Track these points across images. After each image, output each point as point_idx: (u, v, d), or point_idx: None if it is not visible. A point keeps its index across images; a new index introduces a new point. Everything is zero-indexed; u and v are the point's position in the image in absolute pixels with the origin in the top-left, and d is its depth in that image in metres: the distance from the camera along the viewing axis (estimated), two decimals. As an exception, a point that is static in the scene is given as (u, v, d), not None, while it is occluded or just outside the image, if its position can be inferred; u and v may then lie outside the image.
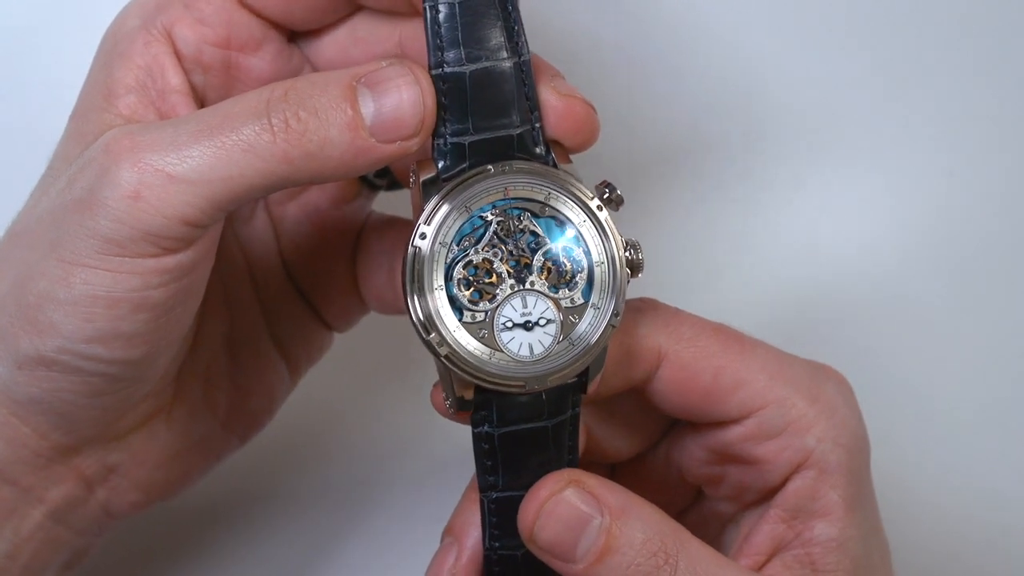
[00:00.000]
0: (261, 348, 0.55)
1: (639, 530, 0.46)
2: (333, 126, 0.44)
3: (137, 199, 0.43)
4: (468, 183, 0.46)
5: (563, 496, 0.47)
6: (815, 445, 0.49)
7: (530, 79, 0.46)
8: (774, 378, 0.49)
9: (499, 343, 0.46)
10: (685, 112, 0.66)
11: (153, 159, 0.43)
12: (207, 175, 0.43)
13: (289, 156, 0.44)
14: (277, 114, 0.44)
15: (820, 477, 0.49)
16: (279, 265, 0.55)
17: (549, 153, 0.46)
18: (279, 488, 0.65)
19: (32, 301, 0.45)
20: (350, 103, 0.44)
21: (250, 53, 0.49)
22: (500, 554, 0.49)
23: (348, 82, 0.45)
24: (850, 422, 0.50)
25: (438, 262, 0.46)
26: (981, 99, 0.67)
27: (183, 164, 0.43)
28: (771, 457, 0.49)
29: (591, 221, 0.47)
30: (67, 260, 0.44)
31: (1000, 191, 0.68)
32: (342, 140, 0.44)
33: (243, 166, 0.44)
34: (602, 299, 0.47)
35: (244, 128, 0.44)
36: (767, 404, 0.49)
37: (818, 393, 0.50)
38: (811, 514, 0.49)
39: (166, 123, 0.45)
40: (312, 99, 0.44)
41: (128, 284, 0.44)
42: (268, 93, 0.45)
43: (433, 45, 0.45)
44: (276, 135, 0.44)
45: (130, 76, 0.47)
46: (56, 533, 0.49)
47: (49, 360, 0.45)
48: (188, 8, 0.48)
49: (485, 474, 0.48)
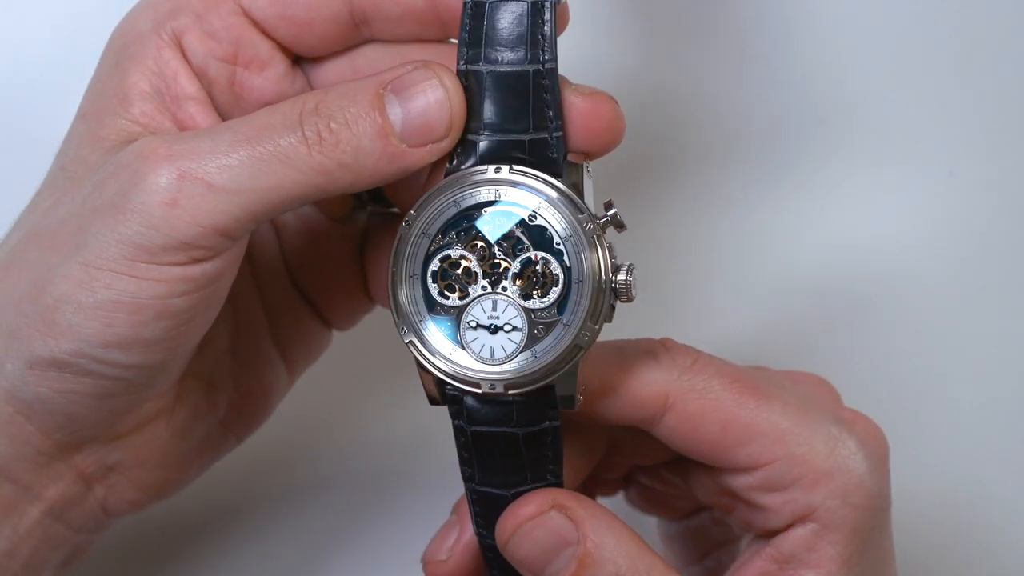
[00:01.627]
0: (262, 349, 0.55)
1: (612, 563, 0.47)
2: (364, 135, 0.45)
3: (174, 206, 0.44)
4: (463, 180, 0.46)
5: (544, 519, 0.47)
6: (821, 502, 0.48)
7: (554, 86, 0.46)
8: (788, 433, 0.49)
9: (462, 340, 0.47)
10: (688, 110, 0.66)
11: (192, 167, 0.44)
12: (246, 185, 0.44)
13: (325, 167, 0.44)
14: (310, 126, 0.45)
15: (821, 532, 0.49)
16: (282, 267, 0.56)
17: (563, 163, 0.46)
18: (275, 484, 0.66)
19: (50, 303, 0.45)
20: (378, 110, 0.45)
21: (255, 72, 0.49)
22: (488, 543, 0.50)
23: (375, 90, 0.45)
24: (866, 482, 0.49)
25: (417, 251, 0.46)
26: (983, 100, 0.67)
27: (223, 174, 0.44)
28: (775, 507, 0.49)
29: (580, 238, 0.46)
30: (92, 264, 0.44)
31: (1001, 191, 0.68)
32: (374, 148, 0.45)
33: (280, 177, 0.44)
34: (574, 318, 0.46)
35: (280, 140, 0.44)
36: (776, 459, 0.49)
37: (835, 448, 0.49)
38: (804, 563, 0.49)
39: (199, 132, 0.46)
40: (342, 110, 0.45)
41: (153, 291, 0.44)
42: (301, 105, 0.45)
43: (461, 40, 0.46)
44: (311, 147, 0.44)
45: (144, 81, 0.47)
46: (54, 530, 0.49)
47: (63, 362, 0.45)
48: (200, 19, 0.48)
49: (463, 464, 0.49)
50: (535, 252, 0.46)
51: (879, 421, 0.52)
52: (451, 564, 0.51)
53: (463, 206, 0.46)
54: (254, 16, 0.48)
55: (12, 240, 0.48)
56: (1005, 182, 0.68)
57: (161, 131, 0.47)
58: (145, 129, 0.47)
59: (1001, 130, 0.67)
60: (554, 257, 0.46)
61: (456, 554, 0.51)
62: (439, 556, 0.51)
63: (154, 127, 0.47)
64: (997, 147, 0.67)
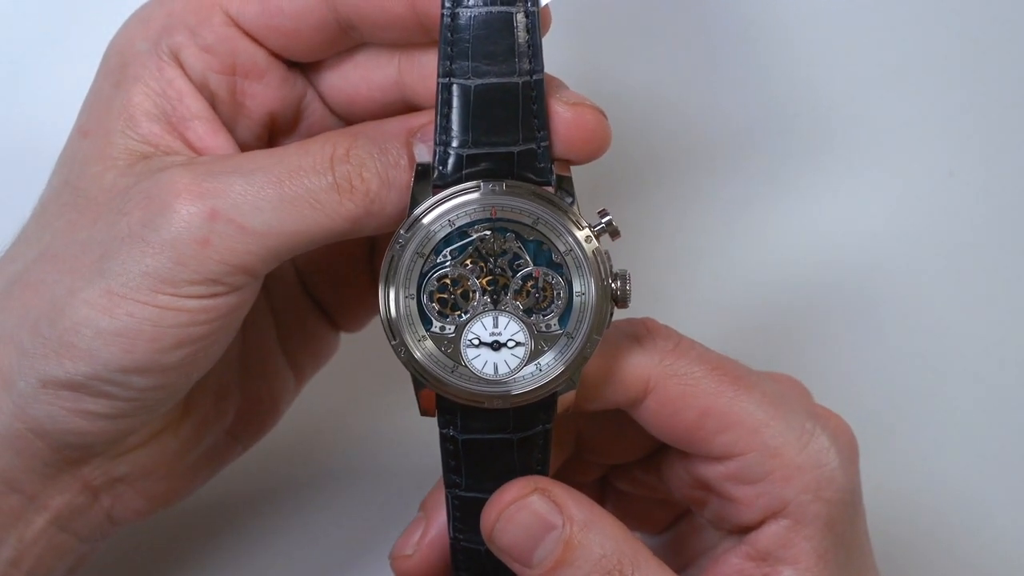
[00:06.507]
0: (271, 357, 0.56)
1: (598, 545, 0.47)
2: (395, 188, 0.46)
3: (206, 245, 0.44)
4: (456, 197, 0.46)
5: (526, 502, 0.47)
6: (793, 496, 0.49)
7: (541, 97, 0.46)
8: (763, 425, 0.49)
9: (463, 358, 0.46)
10: (684, 109, 0.66)
11: (225, 207, 0.44)
12: (276, 228, 0.45)
13: (354, 215, 0.45)
14: (342, 173, 0.45)
15: (794, 527, 0.49)
16: (292, 271, 0.56)
17: (552, 173, 0.46)
18: (278, 487, 0.66)
19: (69, 326, 0.45)
20: (407, 160, 0.46)
21: (255, 80, 0.49)
22: (464, 546, 0.50)
23: (406, 138, 0.46)
24: (838, 477, 0.49)
25: (412, 271, 0.46)
26: (983, 99, 0.67)
27: (255, 217, 0.44)
28: (748, 501, 0.49)
29: (578, 250, 0.46)
30: (115, 292, 0.45)
31: (994, 187, 0.67)
32: (403, 199, 0.46)
33: (310, 222, 0.45)
34: (578, 329, 0.46)
35: (311, 182, 0.45)
36: (750, 450, 0.49)
37: (808, 443, 0.49)
38: (780, 560, 0.49)
39: (227, 166, 0.46)
40: (373, 159, 0.46)
41: (175, 320, 0.45)
42: (332, 149, 0.46)
43: (443, 53, 0.45)
44: (342, 195, 0.45)
45: (148, 102, 0.48)
46: (60, 540, 0.50)
47: (77, 384, 0.46)
48: (194, 35, 0.48)
49: (449, 472, 0.49)
50: (534, 267, 0.46)
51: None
52: (416, 559, 0.51)
53: (458, 224, 0.46)
54: (244, 27, 0.48)
55: (27, 257, 0.48)
56: (998, 178, 0.67)
57: (173, 151, 0.48)
58: (156, 149, 0.47)
59: (996, 127, 0.67)
60: (553, 270, 0.46)
61: (422, 549, 0.51)
62: (405, 551, 0.52)
63: (164, 147, 0.47)
64: (991, 144, 0.67)
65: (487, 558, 0.50)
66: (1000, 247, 0.67)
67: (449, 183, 0.46)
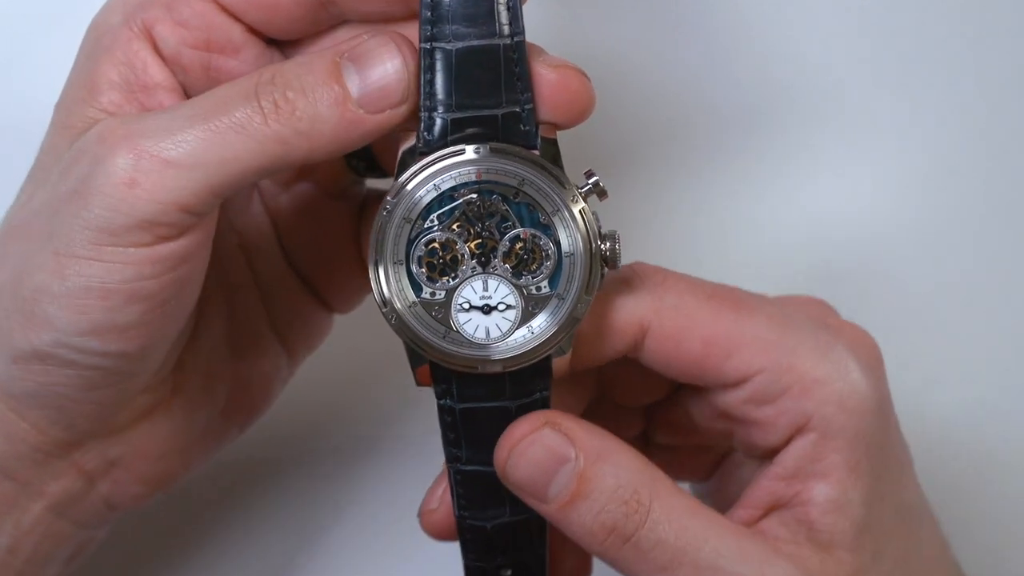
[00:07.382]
0: (260, 337, 0.55)
1: (612, 476, 0.46)
2: (321, 103, 0.45)
3: (132, 186, 0.44)
4: (440, 161, 0.46)
5: (538, 436, 0.47)
6: (815, 409, 0.48)
7: (523, 59, 0.46)
8: (771, 343, 0.48)
9: (454, 323, 0.46)
10: (680, 87, 0.65)
11: (148, 145, 0.44)
12: (202, 158, 0.44)
13: (281, 136, 0.44)
14: (266, 96, 0.45)
15: (821, 440, 0.48)
16: (278, 252, 0.56)
17: (536, 135, 0.46)
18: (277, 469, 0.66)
19: (28, 295, 0.45)
20: (335, 79, 0.45)
21: (229, 56, 0.49)
22: (470, 524, 0.50)
23: (332, 59, 0.45)
24: (861, 385, 0.48)
25: (400, 237, 0.46)
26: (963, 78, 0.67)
27: (178, 148, 0.44)
28: (770, 420, 0.49)
29: (565, 210, 0.46)
30: (61, 252, 0.44)
31: (994, 177, 0.67)
32: (332, 115, 0.45)
33: (237, 148, 0.44)
34: (568, 290, 0.46)
35: (236, 111, 0.44)
36: (762, 369, 0.48)
37: (825, 354, 0.48)
38: (811, 475, 0.48)
39: (159, 111, 0.46)
40: (299, 79, 0.45)
41: (121, 274, 0.44)
42: (257, 77, 0.45)
43: (424, 18, 0.46)
44: (267, 116, 0.44)
45: (113, 71, 0.47)
46: (57, 527, 0.50)
47: (44, 354, 0.45)
48: (169, 9, 0.48)
49: (449, 446, 0.48)
50: (522, 228, 0.46)
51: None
52: (441, 511, 0.51)
53: (443, 189, 0.46)
54: (222, 2, 0.48)
55: None
56: (996, 159, 0.67)
57: None
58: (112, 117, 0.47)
59: (981, 108, 0.67)
60: (541, 232, 0.46)
61: (445, 503, 0.51)
62: (431, 506, 0.52)
63: (121, 115, 0.47)
64: (978, 125, 0.67)
65: (494, 535, 0.50)
66: (997, 229, 0.68)
67: (435, 149, 0.46)
